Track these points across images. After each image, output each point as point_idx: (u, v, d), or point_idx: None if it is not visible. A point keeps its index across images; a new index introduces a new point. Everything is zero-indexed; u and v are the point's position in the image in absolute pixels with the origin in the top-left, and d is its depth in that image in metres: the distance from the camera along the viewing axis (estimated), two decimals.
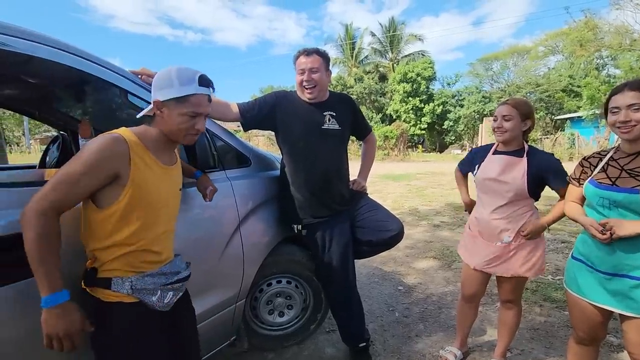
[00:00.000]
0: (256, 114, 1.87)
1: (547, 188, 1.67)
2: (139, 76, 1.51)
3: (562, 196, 1.61)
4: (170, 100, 1.09)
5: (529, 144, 1.70)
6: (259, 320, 2.11)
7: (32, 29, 1.16)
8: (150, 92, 1.47)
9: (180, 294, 1.21)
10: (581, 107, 19.01)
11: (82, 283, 1.07)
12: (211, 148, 1.60)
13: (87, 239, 1.05)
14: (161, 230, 1.13)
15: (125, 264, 1.06)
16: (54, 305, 0.92)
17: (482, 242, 1.76)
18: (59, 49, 1.20)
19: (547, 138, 20.29)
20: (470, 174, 1.94)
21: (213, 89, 1.18)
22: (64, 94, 2.01)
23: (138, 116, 1.12)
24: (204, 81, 1.13)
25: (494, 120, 1.68)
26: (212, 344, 1.75)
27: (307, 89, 1.81)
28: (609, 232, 1.26)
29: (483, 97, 26.01)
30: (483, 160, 1.77)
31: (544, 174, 1.61)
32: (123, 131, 1.05)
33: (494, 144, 1.80)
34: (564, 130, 20.55)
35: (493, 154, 1.75)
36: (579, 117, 19.35)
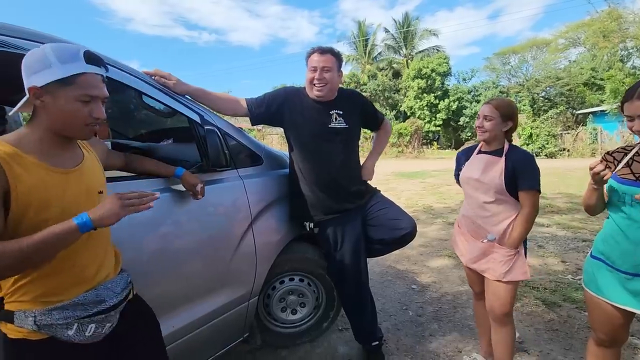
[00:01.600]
0: (264, 111, 1.89)
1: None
2: (153, 77, 1.54)
3: (524, 204, 1.60)
4: (51, 85, 0.86)
5: (511, 143, 1.71)
6: (271, 318, 2.13)
7: (47, 33, 1.19)
8: (163, 92, 1.52)
9: (110, 324, 0.99)
10: (604, 100, 18.33)
11: None
12: (223, 147, 1.62)
13: None
14: (81, 246, 0.93)
15: (32, 291, 0.88)
16: (87, 219, 0.85)
17: (470, 239, 1.77)
18: None
19: (568, 133, 19.65)
20: None
21: (106, 68, 0.97)
22: None
23: (10, 114, 0.95)
24: (92, 59, 0.91)
25: (477, 119, 1.72)
26: (225, 341, 1.78)
27: (316, 87, 1.81)
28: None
29: (500, 92, 25.38)
30: (467, 160, 1.82)
31: (517, 171, 1.60)
32: None
33: (477, 145, 1.83)
34: (585, 125, 19.86)
35: (477, 154, 1.79)
36: (602, 111, 18.66)
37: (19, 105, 0.91)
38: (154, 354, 1.17)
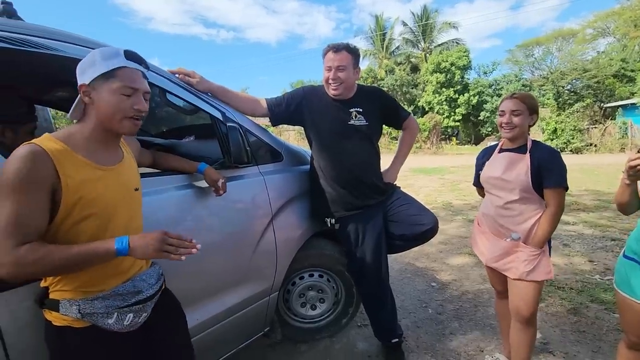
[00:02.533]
0: (284, 110, 1.90)
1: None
2: (176, 75, 1.57)
3: (550, 202, 1.54)
4: (96, 80, 0.93)
5: (533, 139, 1.65)
6: (291, 313, 2.15)
7: (80, 34, 1.24)
8: (187, 90, 1.54)
9: (145, 314, 1.05)
10: (635, 93, 17.49)
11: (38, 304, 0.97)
12: (244, 144, 1.64)
13: None
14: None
15: (73, 282, 0.94)
16: (126, 245, 0.89)
17: (492, 238, 1.72)
18: None
19: (595, 127, 18.86)
20: None
21: (146, 66, 1.03)
22: None
23: (69, 116, 0.99)
24: (132, 56, 0.99)
25: (500, 115, 1.64)
26: (247, 335, 1.81)
27: (332, 86, 1.81)
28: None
29: (523, 85, 24.54)
30: (488, 160, 1.75)
31: (542, 167, 1.54)
32: (43, 140, 0.88)
33: (497, 144, 1.76)
34: (614, 119, 18.99)
35: (498, 152, 1.73)
36: (632, 104, 17.80)
37: (73, 106, 0.97)
38: (181, 344, 1.21)
